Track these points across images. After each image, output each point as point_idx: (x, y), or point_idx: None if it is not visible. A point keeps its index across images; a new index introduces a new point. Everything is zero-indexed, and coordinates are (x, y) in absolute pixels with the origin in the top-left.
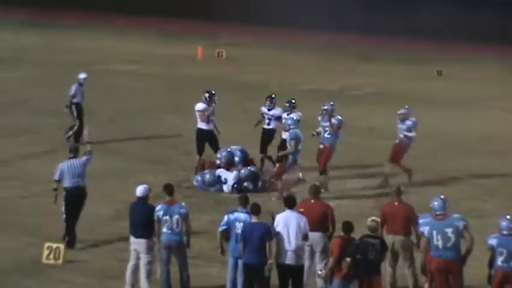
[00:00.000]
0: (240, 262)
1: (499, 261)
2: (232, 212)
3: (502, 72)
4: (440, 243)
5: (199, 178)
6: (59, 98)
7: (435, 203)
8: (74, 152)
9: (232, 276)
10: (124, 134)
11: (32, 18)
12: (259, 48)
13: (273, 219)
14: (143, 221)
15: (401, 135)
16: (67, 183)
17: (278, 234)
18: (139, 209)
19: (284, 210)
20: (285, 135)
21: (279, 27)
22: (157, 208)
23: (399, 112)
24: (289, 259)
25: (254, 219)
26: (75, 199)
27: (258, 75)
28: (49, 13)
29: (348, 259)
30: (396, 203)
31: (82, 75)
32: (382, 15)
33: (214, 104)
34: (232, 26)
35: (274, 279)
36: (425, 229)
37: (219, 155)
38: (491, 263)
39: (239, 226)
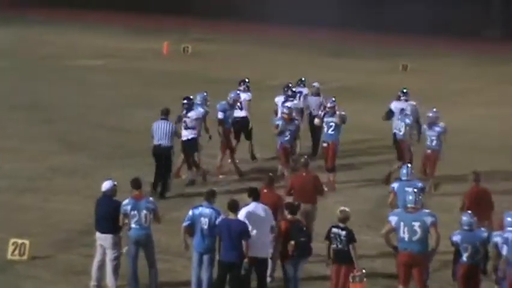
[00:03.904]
0: (205, 257)
1: (465, 256)
2: (197, 207)
3: (468, 66)
4: (406, 236)
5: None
6: (28, 92)
7: (410, 196)
8: (165, 114)
9: (197, 272)
10: (92, 129)
11: (2, 12)
12: (227, 44)
13: None
14: (109, 217)
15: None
16: (154, 141)
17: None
18: (105, 204)
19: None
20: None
21: (249, 22)
22: (125, 202)
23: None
24: (256, 251)
25: (232, 216)
26: (158, 156)
27: (224, 70)
28: (19, 7)
29: (292, 242)
30: (304, 174)
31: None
32: (353, 10)
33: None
34: (201, 21)
35: None
36: (393, 219)
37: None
38: (456, 259)
39: (204, 221)
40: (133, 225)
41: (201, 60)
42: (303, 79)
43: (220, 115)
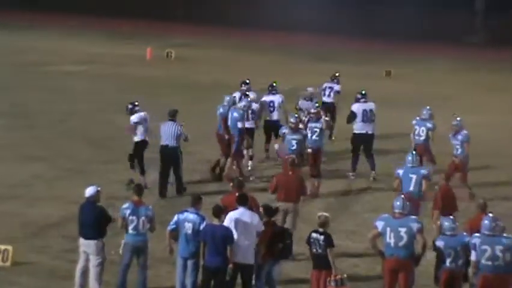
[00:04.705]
0: (190, 262)
1: (448, 261)
2: (182, 212)
3: (451, 73)
4: (392, 241)
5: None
6: (8, 98)
7: (397, 202)
8: (172, 116)
9: (181, 277)
10: (74, 134)
11: None
12: (211, 49)
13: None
14: (92, 223)
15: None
16: (161, 141)
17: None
18: (88, 210)
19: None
20: None
21: (233, 27)
22: (124, 206)
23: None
24: (241, 257)
25: (215, 222)
26: (165, 156)
27: (207, 75)
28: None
29: (281, 244)
30: (290, 173)
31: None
32: (337, 15)
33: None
34: (184, 26)
35: None
36: (379, 224)
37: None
38: (438, 264)
39: (188, 226)
40: (130, 231)
41: (184, 65)
42: (337, 74)
43: (240, 124)
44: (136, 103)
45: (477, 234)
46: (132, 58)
